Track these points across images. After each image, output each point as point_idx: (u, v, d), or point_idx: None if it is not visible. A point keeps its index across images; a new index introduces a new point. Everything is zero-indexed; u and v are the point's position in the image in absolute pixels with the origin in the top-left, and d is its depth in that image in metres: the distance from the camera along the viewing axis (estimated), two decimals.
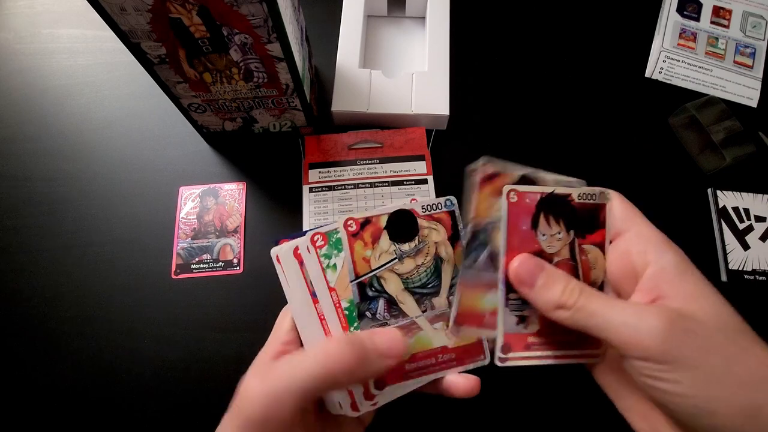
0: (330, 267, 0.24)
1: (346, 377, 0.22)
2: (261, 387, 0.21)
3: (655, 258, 0.24)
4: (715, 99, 0.45)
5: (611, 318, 0.22)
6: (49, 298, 0.41)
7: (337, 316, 0.24)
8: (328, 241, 0.24)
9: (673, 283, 0.23)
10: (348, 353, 0.22)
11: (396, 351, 0.23)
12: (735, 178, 0.44)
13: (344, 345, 0.22)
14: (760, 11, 0.51)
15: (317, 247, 0.24)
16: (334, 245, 0.24)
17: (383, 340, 0.23)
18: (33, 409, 0.38)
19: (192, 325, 0.40)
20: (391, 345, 0.23)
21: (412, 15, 0.50)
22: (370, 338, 0.23)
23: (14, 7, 0.52)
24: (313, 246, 0.24)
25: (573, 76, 0.49)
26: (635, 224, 0.26)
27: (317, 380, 0.21)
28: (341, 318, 0.24)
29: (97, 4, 0.28)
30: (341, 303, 0.24)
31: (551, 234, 0.26)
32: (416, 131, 0.45)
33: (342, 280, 0.24)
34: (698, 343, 0.21)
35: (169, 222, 0.43)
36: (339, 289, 0.24)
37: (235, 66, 0.35)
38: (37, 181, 0.45)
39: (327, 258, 0.24)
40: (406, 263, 0.25)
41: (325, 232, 0.24)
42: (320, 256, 0.24)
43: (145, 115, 0.47)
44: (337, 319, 0.24)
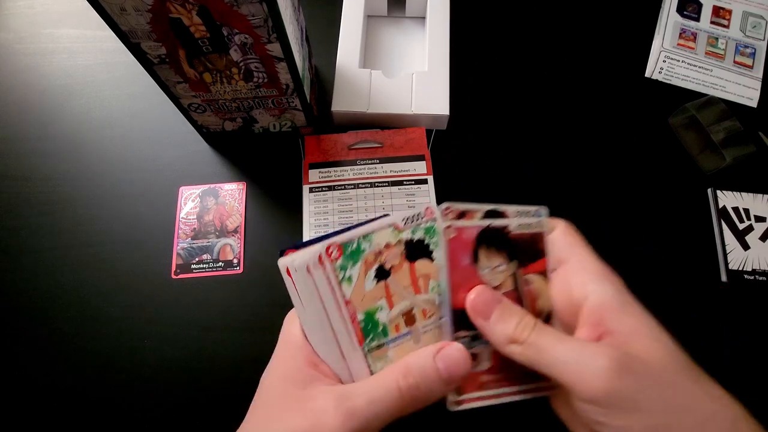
0: (345, 280, 0.24)
1: (411, 408, 0.22)
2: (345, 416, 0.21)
3: (594, 289, 0.24)
4: (715, 99, 0.45)
5: (558, 356, 0.22)
6: (49, 298, 0.41)
7: (353, 330, 0.24)
8: (343, 252, 0.24)
9: (615, 317, 0.23)
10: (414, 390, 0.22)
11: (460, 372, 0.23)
12: (735, 178, 0.44)
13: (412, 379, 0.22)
14: (760, 11, 0.51)
15: (332, 260, 0.23)
16: (349, 257, 0.24)
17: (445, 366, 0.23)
18: (33, 409, 0.38)
19: (192, 325, 0.40)
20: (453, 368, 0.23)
21: (412, 15, 0.50)
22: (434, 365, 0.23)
23: (14, 7, 0.52)
24: (328, 257, 0.23)
25: (573, 76, 0.49)
26: (575, 254, 0.25)
27: (390, 411, 0.22)
28: (356, 331, 0.24)
29: (97, 4, 0.28)
30: (357, 315, 0.24)
31: (492, 267, 0.26)
32: (416, 131, 0.45)
33: (358, 292, 0.24)
34: (646, 384, 0.20)
35: (169, 222, 0.43)
36: (355, 302, 0.24)
37: (235, 66, 0.35)
38: (37, 181, 0.45)
39: (342, 270, 0.24)
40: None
41: (341, 243, 0.24)
42: (336, 269, 0.23)
43: (145, 115, 0.47)
44: (351, 332, 0.24)
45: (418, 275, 0.25)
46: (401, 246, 0.25)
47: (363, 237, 0.24)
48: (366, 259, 0.24)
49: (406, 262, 0.25)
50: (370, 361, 0.24)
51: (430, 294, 0.25)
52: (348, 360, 0.24)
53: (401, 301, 0.24)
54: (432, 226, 0.25)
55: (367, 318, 0.24)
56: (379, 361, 0.24)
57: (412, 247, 0.25)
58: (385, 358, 0.24)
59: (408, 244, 0.25)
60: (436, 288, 0.25)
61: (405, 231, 0.25)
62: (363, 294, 0.24)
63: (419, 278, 0.25)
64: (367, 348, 0.24)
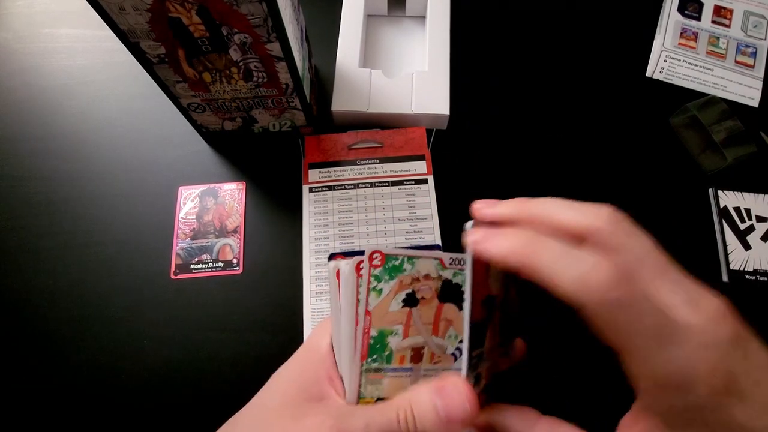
0: (375, 290, 0.23)
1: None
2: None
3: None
4: (716, 99, 0.44)
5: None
6: (49, 298, 0.41)
7: (362, 341, 0.23)
8: (385, 263, 0.23)
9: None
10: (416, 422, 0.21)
11: (460, 416, 0.21)
12: (736, 178, 0.44)
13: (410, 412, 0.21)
14: (761, 11, 0.51)
15: (372, 266, 0.23)
16: (388, 271, 0.23)
17: (446, 405, 0.21)
18: (33, 409, 0.38)
19: (191, 325, 0.40)
20: (452, 410, 0.21)
21: (413, 14, 0.50)
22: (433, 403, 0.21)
23: (13, 6, 0.52)
24: (369, 263, 0.23)
25: (574, 76, 0.48)
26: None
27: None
28: (364, 346, 0.23)
29: (96, 3, 0.28)
30: (371, 331, 0.23)
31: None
32: (416, 131, 0.45)
33: (382, 308, 0.23)
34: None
35: (169, 222, 0.43)
36: (375, 316, 0.23)
37: (234, 65, 0.35)
38: (37, 181, 0.45)
39: (376, 280, 0.23)
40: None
41: (386, 254, 0.23)
42: (372, 276, 0.23)
43: (144, 114, 0.47)
44: (359, 344, 0.23)
45: (442, 317, 0.24)
46: (439, 282, 0.24)
47: (408, 258, 0.24)
48: (402, 280, 0.24)
49: (436, 300, 0.24)
50: (363, 382, 0.23)
51: (445, 340, 0.25)
52: (346, 372, 0.23)
53: (416, 335, 0.24)
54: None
55: (379, 336, 0.23)
56: (371, 385, 0.23)
57: (448, 288, 0.25)
58: (379, 384, 0.24)
59: (445, 284, 0.24)
60: (452, 337, 0.25)
61: (448, 270, 0.24)
62: (385, 312, 0.23)
63: (442, 321, 0.24)
64: (365, 367, 0.23)
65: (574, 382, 0.38)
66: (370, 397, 0.23)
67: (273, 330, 0.40)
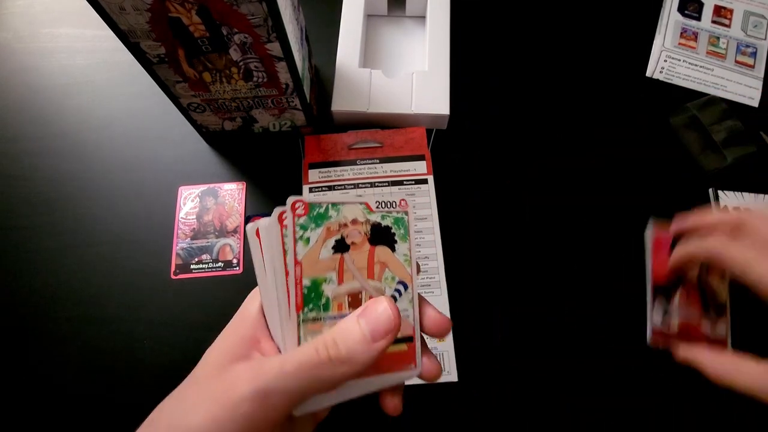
0: (302, 239, 0.23)
1: (335, 378, 0.20)
2: (252, 382, 0.20)
3: None
4: (716, 99, 0.44)
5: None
6: (49, 298, 0.41)
7: (295, 293, 0.23)
8: (309, 212, 0.23)
9: None
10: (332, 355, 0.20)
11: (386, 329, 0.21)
12: (736, 178, 0.44)
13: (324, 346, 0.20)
14: (761, 11, 0.51)
15: (296, 216, 0.23)
16: (314, 219, 0.23)
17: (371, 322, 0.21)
18: (33, 408, 0.38)
19: (191, 325, 0.40)
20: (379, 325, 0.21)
21: (413, 14, 0.50)
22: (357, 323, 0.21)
23: (13, 6, 0.52)
24: (292, 213, 0.23)
25: (574, 76, 0.48)
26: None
27: (305, 381, 0.20)
28: (298, 296, 0.23)
29: (96, 3, 0.28)
30: (303, 281, 0.23)
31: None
32: (416, 131, 0.45)
33: (312, 256, 0.23)
34: None
35: (169, 222, 0.43)
36: (306, 265, 0.23)
37: (234, 65, 0.35)
38: (37, 181, 0.45)
39: (302, 229, 0.23)
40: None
41: (309, 202, 0.23)
42: (296, 225, 0.23)
43: (144, 114, 0.47)
44: (291, 295, 0.22)
45: (376, 261, 0.24)
46: (367, 226, 0.25)
47: (332, 205, 0.24)
48: (329, 227, 0.24)
49: (367, 243, 0.24)
50: (302, 333, 0.23)
51: (382, 282, 0.24)
52: (282, 328, 0.23)
53: (352, 281, 0.24)
54: (402, 217, 0.26)
55: (312, 286, 0.23)
56: (311, 336, 0.23)
57: (378, 231, 0.25)
58: (319, 333, 0.23)
59: (375, 227, 0.25)
60: (389, 279, 0.25)
61: (375, 214, 0.25)
62: (316, 260, 0.23)
63: (376, 264, 0.24)
64: (302, 317, 0.23)
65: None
66: None
67: None
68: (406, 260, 0.25)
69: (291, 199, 0.23)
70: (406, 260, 0.25)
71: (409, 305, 0.25)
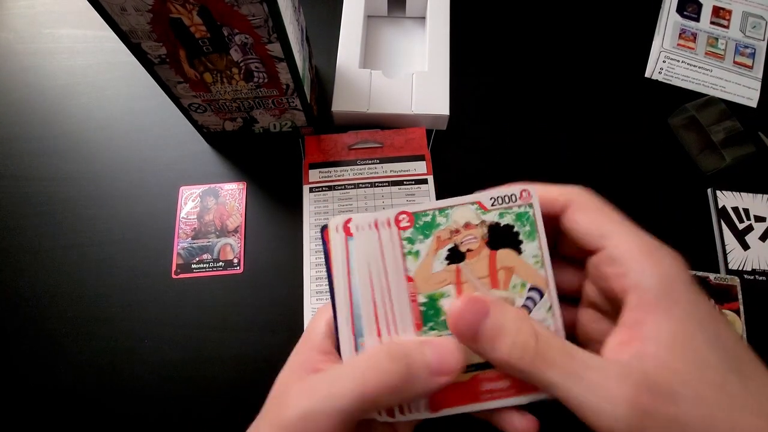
0: (411, 254, 0.21)
1: (389, 398, 0.19)
2: (300, 403, 0.19)
3: (635, 283, 0.19)
4: (714, 99, 0.45)
5: (570, 394, 0.18)
6: (49, 298, 0.41)
7: (411, 311, 0.21)
8: (415, 222, 0.21)
9: (654, 319, 0.18)
10: (391, 371, 0.19)
11: (450, 367, 0.19)
12: (735, 179, 0.44)
13: (386, 362, 0.19)
14: (759, 11, 0.51)
15: (401, 228, 0.21)
16: (420, 230, 0.21)
17: (435, 354, 0.19)
18: (33, 409, 0.38)
19: (192, 325, 0.40)
20: (443, 360, 0.19)
21: (413, 15, 0.50)
22: (420, 350, 0.19)
23: (15, 7, 0.52)
24: (396, 226, 0.21)
25: (573, 76, 0.49)
26: (609, 234, 0.20)
27: (356, 401, 0.19)
28: (415, 314, 0.21)
29: (97, 4, 0.28)
30: (418, 297, 0.21)
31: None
32: (416, 131, 0.45)
33: (424, 271, 0.21)
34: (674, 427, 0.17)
35: (170, 222, 0.43)
36: (419, 281, 0.21)
37: (235, 66, 0.35)
38: (37, 181, 0.45)
39: (409, 243, 0.21)
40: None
41: (413, 212, 0.21)
42: (402, 239, 0.21)
43: (145, 115, 0.47)
44: (410, 313, 0.21)
45: (499, 267, 0.21)
46: (483, 228, 0.21)
47: (440, 210, 0.21)
48: (439, 236, 0.21)
49: (486, 248, 0.21)
50: None
51: (510, 291, 0.21)
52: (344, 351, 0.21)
53: (473, 293, 0.21)
54: (526, 212, 0.22)
55: (429, 303, 0.21)
56: None
57: (498, 232, 0.21)
58: None
59: (492, 229, 0.21)
60: (518, 286, 0.21)
61: (491, 212, 0.22)
62: (429, 274, 0.21)
63: (500, 270, 0.21)
64: (423, 336, 0.21)
65: None
66: None
67: (273, 329, 0.40)
68: (537, 262, 0.22)
69: (394, 211, 0.21)
70: (537, 262, 0.22)
71: (548, 314, 0.21)
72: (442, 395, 0.21)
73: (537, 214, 0.22)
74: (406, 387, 0.19)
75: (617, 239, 0.20)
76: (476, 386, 0.21)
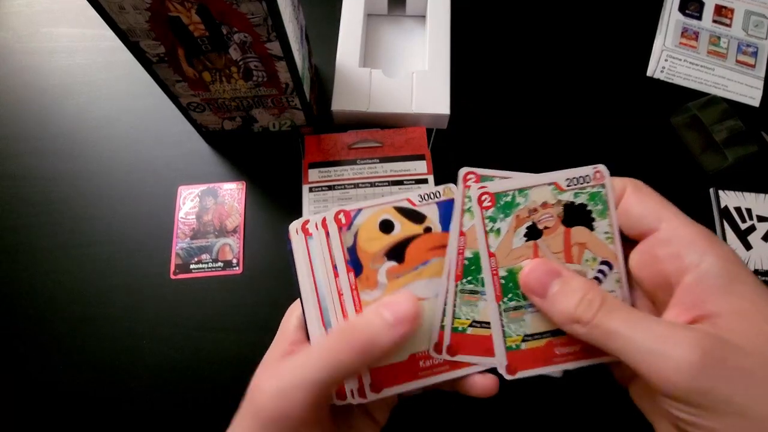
0: (493, 231, 0.23)
1: (357, 360, 0.20)
2: (270, 384, 0.20)
3: (693, 263, 0.19)
4: (717, 98, 0.44)
5: (634, 342, 0.18)
6: (48, 298, 0.41)
7: (493, 283, 0.23)
8: (496, 202, 0.23)
9: (717, 297, 0.18)
10: (354, 333, 0.20)
11: (406, 315, 0.20)
12: (737, 178, 0.44)
13: (348, 329, 0.20)
14: (762, 10, 0.50)
15: (483, 208, 0.22)
16: (501, 209, 0.23)
17: (391, 308, 0.20)
18: (31, 409, 0.38)
19: (191, 325, 0.40)
20: (399, 310, 0.20)
21: (413, 14, 0.50)
22: (376, 310, 0.20)
23: (13, 5, 0.52)
24: (479, 206, 0.22)
25: (574, 75, 0.48)
26: (663, 219, 0.21)
27: (326, 370, 0.19)
28: (497, 286, 0.23)
29: (96, 2, 0.28)
30: (500, 271, 0.23)
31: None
32: (416, 131, 0.45)
33: (505, 247, 0.23)
34: (743, 383, 0.16)
35: (168, 222, 0.43)
36: (500, 256, 0.23)
37: (234, 65, 0.35)
38: (36, 181, 0.45)
39: (491, 221, 0.22)
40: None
41: (494, 192, 0.23)
42: (485, 218, 0.23)
43: (144, 114, 0.47)
44: (492, 288, 0.23)
45: (573, 243, 0.23)
46: (559, 208, 0.23)
47: (519, 191, 0.23)
48: (518, 215, 0.23)
49: (561, 226, 0.23)
50: (505, 321, 0.23)
51: (582, 265, 0.23)
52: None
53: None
54: (599, 192, 0.24)
55: (509, 276, 0.23)
56: (513, 323, 0.23)
57: (572, 211, 0.23)
58: (521, 321, 0.23)
59: (567, 208, 0.23)
60: (590, 260, 0.23)
61: (567, 192, 0.23)
62: (509, 250, 0.23)
63: (573, 246, 0.23)
64: (504, 307, 0.23)
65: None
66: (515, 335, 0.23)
67: (273, 330, 0.39)
68: (608, 238, 0.23)
69: (476, 192, 0.22)
70: (608, 238, 0.23)
71: (617, 285, 0.23)
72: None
73: (609, 193, 0.23)
74: (371, 346, 0.20)
75: (675, 222, 0.21)
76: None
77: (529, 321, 0.23)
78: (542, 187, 0.23)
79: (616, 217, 0.23)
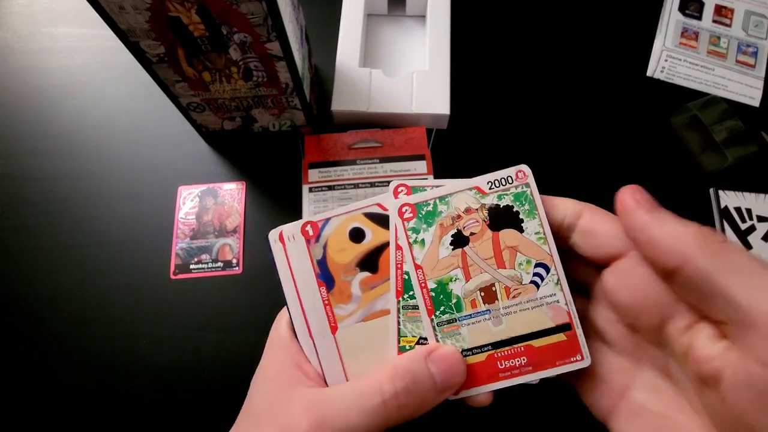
0: (417, 243, 0.22)
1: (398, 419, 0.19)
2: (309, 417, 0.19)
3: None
4: (717, 98, 0.44)
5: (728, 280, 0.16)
6: (48, 298, 0.41)
7: (422, 297, 0.22)
8: (417, 213, 0.22)
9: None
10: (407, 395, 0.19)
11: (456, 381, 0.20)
12: (737, 178, 0.44)
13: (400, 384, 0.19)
14: (762, 10, 0.50)
15: (405, 220, 0.22)
16: (423, 219, 0.22)
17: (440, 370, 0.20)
18: (31, 409, 0.38)
19: (191, 325, 0.40)
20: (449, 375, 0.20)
21: (413, 14, 0.50)
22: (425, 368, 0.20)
23: (13, 5, 0.52)
24: (400, 218, 0.22)
25: (574, 76, 0.48)
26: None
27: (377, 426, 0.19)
28: (426, 299, 0.22)
29: (95, 2, 0.28)
30: (428, 284, 0.22)
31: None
32: (416, 131, 0.45)
33: (431, 258, 0.22)
34: None
35: (168, 222, 0.43)
36: (427, 268, 0.22)
37: (234, 65, 0.35)
38: (36, 181, 0.44)
39: (414, 232, 0.22)
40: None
41: (414, 203, 0.22)
42: (407, 229, 0.22)
43: (143, 114, 0.47)
44: (422, 301, 0.22)
45: (503, 247, 0.22)
46: (484, 212, 0.23)
47: (440, 199, 0.22)
48: (441, 223, 0.22)
49: (488, 230, 0.22)
50: (440, 337, 0.22)
51: (516, 269, 0.22)
52: (307, 350, 0.23)
53: (480, 274, 0.22)
54: (523, 192, 0.23)
55: (439, 287, 0.22)
56: (449, 338, 0.22)
57: (498, 214, 0.22)
58: (458, 335, 0.22)
59: (492, 211, 0.23)
60: (525, 263, 0.22)
61: (489, 195, 0.23)
62: (435, 261, 0.22)
63: (504, 250, 0.22)
64: (437, 321, 0.22)
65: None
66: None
67: None
68: (540, 238, 0.22)
69: (396, 205, 0.22)
70: (540, 238, 0.22)
71: (557, 288, 0.22)
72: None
73: (534, 192, 0.23)
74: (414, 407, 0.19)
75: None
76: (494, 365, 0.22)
77: (466, 334, 0.22)
78: (463, 193, 0.23)
79: (545, 216, 0.22)
